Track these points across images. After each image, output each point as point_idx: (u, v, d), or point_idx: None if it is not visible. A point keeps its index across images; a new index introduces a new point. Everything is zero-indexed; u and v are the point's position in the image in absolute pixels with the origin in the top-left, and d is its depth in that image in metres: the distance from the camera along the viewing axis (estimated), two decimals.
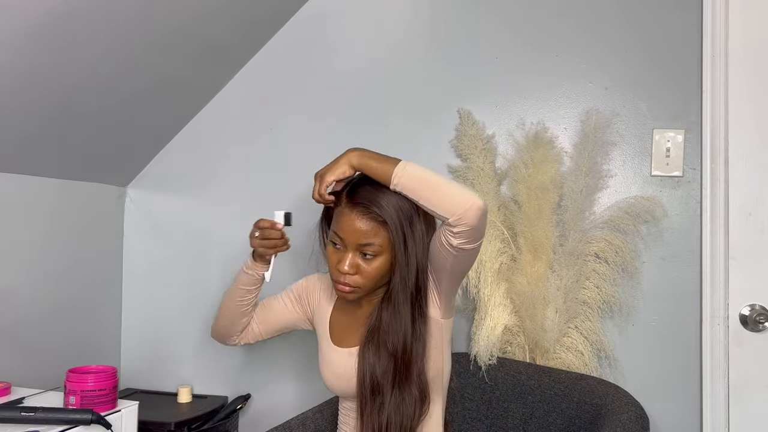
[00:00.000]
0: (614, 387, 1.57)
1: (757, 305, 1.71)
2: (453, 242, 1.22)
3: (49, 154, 1.78)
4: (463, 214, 1.18)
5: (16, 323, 1.75)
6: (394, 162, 1.25)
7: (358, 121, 2.02)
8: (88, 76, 1.63)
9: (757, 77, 1.74)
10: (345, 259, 1.30)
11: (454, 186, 1.23)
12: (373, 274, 1.30)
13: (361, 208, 1.27)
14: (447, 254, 1.25)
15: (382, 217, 1.26)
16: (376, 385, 1.32)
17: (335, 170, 1.28)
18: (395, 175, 1.23)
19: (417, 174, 1.23)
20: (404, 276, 1.29)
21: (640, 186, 1.82)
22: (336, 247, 1.32)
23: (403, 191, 1.23)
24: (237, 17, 1.87)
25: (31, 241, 1.80)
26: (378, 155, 1.27)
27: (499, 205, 1.83)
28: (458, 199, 1.19)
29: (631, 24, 1.84)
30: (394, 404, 1.30)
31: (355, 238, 1.28)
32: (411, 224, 1.28)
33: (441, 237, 1.24)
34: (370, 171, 1.26)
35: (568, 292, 1.75)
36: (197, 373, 2.11)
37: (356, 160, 1.27)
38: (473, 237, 1.22)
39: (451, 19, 1.96)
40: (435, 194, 1.21)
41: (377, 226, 1.27)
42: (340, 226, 1.30)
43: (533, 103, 1.90)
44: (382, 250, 1.29)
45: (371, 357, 1.33)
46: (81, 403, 1.38)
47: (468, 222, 1.19)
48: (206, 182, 2.14)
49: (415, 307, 1.31)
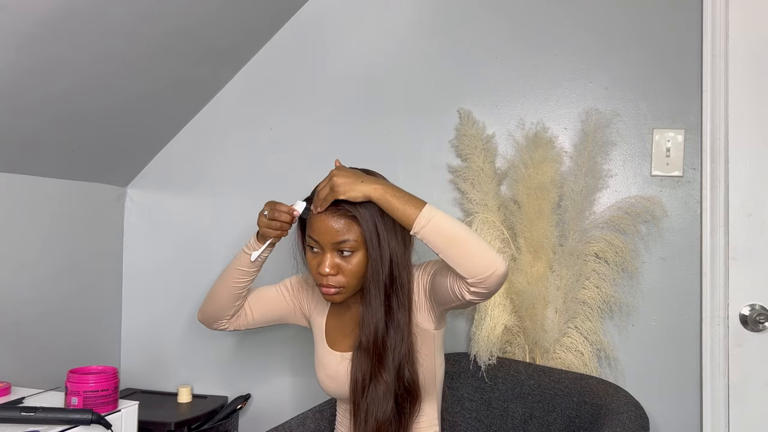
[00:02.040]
0: (614, 387, 1.57)
1: (757, 305, 1.71)
2: (466, 297, 1.19)
3: (49, 154, 1.78)
4: (484, 279, 1.15)
5: (16, 323, 1.75)
6: (418, 205, 1.19)
7: (358, 121, 2.02)
8: (88, 77, 1.63)
9: (757, 77, 1.74)
10: (324, 261, 1.29)
11: (481, 246, 1.16)
12: (355, 271, 1.29)
13: (331, 207, 1.27)
14: (454, 299, 1.23)
15: (352, 213, 1.26)
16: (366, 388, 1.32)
17: (349, 192, 1.23)
18: (418, 224, 1.18)
19: (444, 227, 1.17)
20: (376, 268, 1.28)
21: (640, 186, 1.82)
22: (314, 251, 1.31)
23: (424, 240, 1.19)
24: (237, 17, 1.87)
25: (32, 241, 1.80)
26: (402, 195, 1.21)
27: (499, 205, 1.83)
28: (482, 262, 1.14)
29: (631, 24, 1.84)
30: (372, 396, 1.30)
31: (330, 238, 1.27)
32: (382, 215, 1.26)
33: (454, 285, 1.20)
34: (391, 211, 1.21)
35: (568, 292, 1.75)
36: (197, 373, 2.11)
37: (377, 195, 1.21)
38: (488, 297, 1.20)
39: (451, 19, 1.96)
40: (460, 252, 1.16)
41: (349, 222, 1.27)
42: (314, 229, 1.29)
43: (533, 103, 1.90)
44: (359, 245, 1.28)
45: (363, 361, 1.33)
46: (83, 403, 1.38)
47: (487, 286, 1.16)
48: (206, 182, 2.14)
49: (392, 298, 1.30)
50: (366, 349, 1.31)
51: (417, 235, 1.19)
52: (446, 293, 1.24)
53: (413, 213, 1.19)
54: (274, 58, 2.09)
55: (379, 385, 1.30)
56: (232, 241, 2.10)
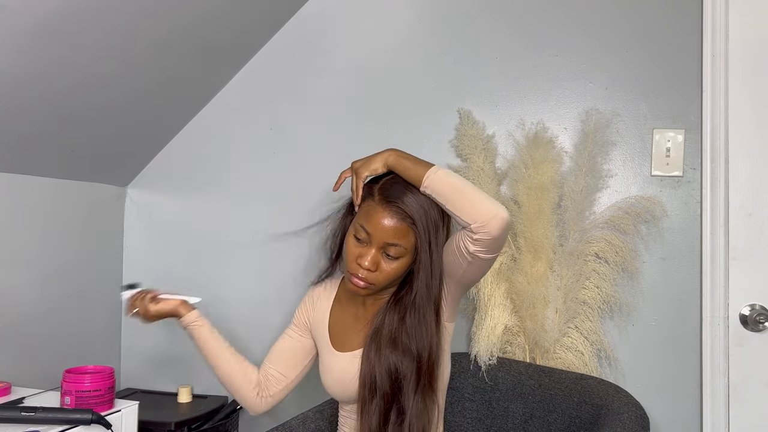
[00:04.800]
0: (614, 387, 1.57)
1: (757, 305, 1.71)
2: (470, 248, 1.22)
3: (49, 154, 1.78)
4: (486, 222, 1.19)
5: (16, 323, 1.75)
6: (427, 165, 1.27)
7: (358, 121, 2.02)
8: (88, 76, 1.63)
9: (757, 77, 1.74)
10: (367, 254, 1.28)
11: (482, 195, 1.23)
12: (392, 275, 1.30)
13: (395, 207, 1.26)
14: (462, 259, 1.25)
15: (413, 220, 1.26)
16: (378, 387, 1.31)
17: (370, 166, 1.31)
18: (427, 178, 1.24)
19: (447, 179, 1.24)
20: (429, 283, 1.29)
21: (640, 186, 1.82)
22: (359, 240, 1.30)
23: (432, 194, 1.25)
24: (237, 17, 1.87)
25: (32, 241, 1.80)
26: (413, 158, 1.30)
27: None
28: (484, 207, 1.20)
29: (631, 24, 1.84)
30: (417, 411, 1.30)
31: (383, 236, 1.27)
32: (437, 231, 1.28)
33: (459, 241, 1.24)
34: (404, 171, 1.28)
35: (568, 292, 1.75)
36: (197, 373, 2.11)
37: (392, 160, 1.30)
38: (491, 247, 1.22)
39: (451, 19, 1.96)
40: (462, 199, 1.22)
41: (406, 228, 1.27)
42: (370, 221, 1.28)
43: (533, 103, 1.90)
44: (406, 252, 1.29)
45: (373, 358, 1.32)
46: (76, 403, 1.38)
47: (490, 231, 1.19)
48: (206, 182, 2.14)
49: (437, 313, 1.32)
50: (417, 363, 1.31)
51: (426, 189, 1.25)
52: (454, 256, 1.26)
53: (422, 171, 1.25)
54: (274, 58, 2.09)
55: (426, 400, 1.31)
56: (232, 241, 2.10)
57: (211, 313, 2.12)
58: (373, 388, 1.31)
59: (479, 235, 1.20)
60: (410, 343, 1.31)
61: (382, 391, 1.31)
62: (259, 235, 2.07)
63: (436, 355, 1.32)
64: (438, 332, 1.32)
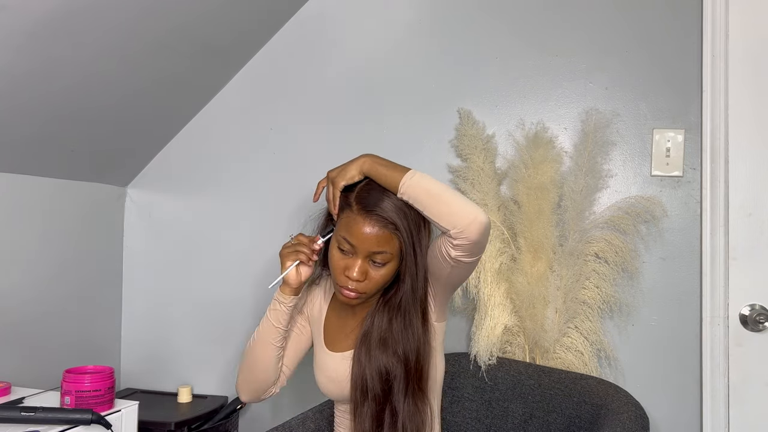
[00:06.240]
0: (614, 387, 1.57)
1: (757, 305, 1.71)
2: (452, 254, 1.22)
3: (49, 154, 1.78)
4: (465, 228, 1.18)
5: (16, 323, 1.75)
6: (403, 170, 1.25)
7: (357, 121, 2.02)
8: (88, 76, 1.63)
9: (757, 77, 1.74)
10: (354, 265, 1.28)
11: (460, 199, 1.22)
12: (381, 282, 1.30)
13: (375, 216, 1.25)
14: (445, 264, 1.25)
15: (395, 225, 1.26)
16: (369, 388, 1.32)
17: (346, 175, 1.28)
18: (403, 184, 1.23)
19: (423, 184, 1.23)
20: (414, 285, 1.29)
21: (640, 186, 1.82)
22: (343, 252, 1.29)
23: (408, 200, 1.24)
24: (237, 17, 1.87)
25: (32, 241, 1.80)
26: (388, 163, 1.27)
27: (499, 205, 1.83)
28: (462, 213, 1.19)
29: (631, 24, 1.84)
30: (409, 413, 1.30)
31: (368, 246, 1.26)
32: (419, 231, 1.28)
33: (441, 246, 1.24)
34: (380, 178, 1.26)
35: (568, 292, 1.75)
36: (197, 373, 2.11)
37: (367, 167, 1.27)
38: (472, 251, 1.22)
39: (451, 19, 1.96)
40: (439, 205, 1.21)
41: (389, 234, 1.26)
42: (353, 233, 1.27)
43: (533, 103, 1.90)
44: (392, 257, 1.28)
45: (364, 361, 1.32)
46: (76, 403, 1.38)
47: (469, 236, 1.19)
48: (206, 182, 2.14)
49: (424, 314, 1.33)
50: (405, 366, 1.31)
51: (403, 195, 1.23)
52: (437, 260, 1.26)
53: (398, 177, 1.23)
54: (274, 58, 2.09)
55: (417, 402, 1.31)
56: (232, 241, 2.10)
57: (211, 313, 2.14)
58: (365, 390, 1.32)
59: (459, 241, 1.19)
60: (397, 345, 1.31)
61: (374, 392, 1.31)
62: (259, 235, 2.07)
63: (423, 356, 1.32)
64: (426, 333, 1.32)
